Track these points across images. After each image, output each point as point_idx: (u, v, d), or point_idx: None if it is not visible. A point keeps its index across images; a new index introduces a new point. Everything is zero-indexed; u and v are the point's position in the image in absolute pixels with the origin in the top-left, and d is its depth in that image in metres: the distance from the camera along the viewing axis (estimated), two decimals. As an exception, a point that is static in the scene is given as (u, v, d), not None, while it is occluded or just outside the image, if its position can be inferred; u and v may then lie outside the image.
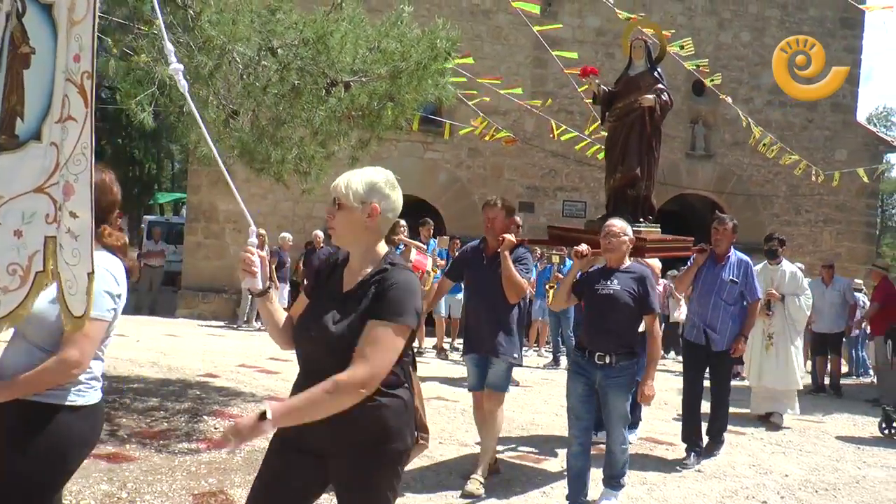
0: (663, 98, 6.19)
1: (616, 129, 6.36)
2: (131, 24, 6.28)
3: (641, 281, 4.86)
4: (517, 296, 5.17)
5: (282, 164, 5.62)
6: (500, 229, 5.28)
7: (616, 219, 5.07)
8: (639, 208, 6.30)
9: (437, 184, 16.65)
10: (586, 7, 16.71)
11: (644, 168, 6.25)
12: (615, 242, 4.89)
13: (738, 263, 6.55)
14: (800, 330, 8.60)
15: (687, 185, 17.67)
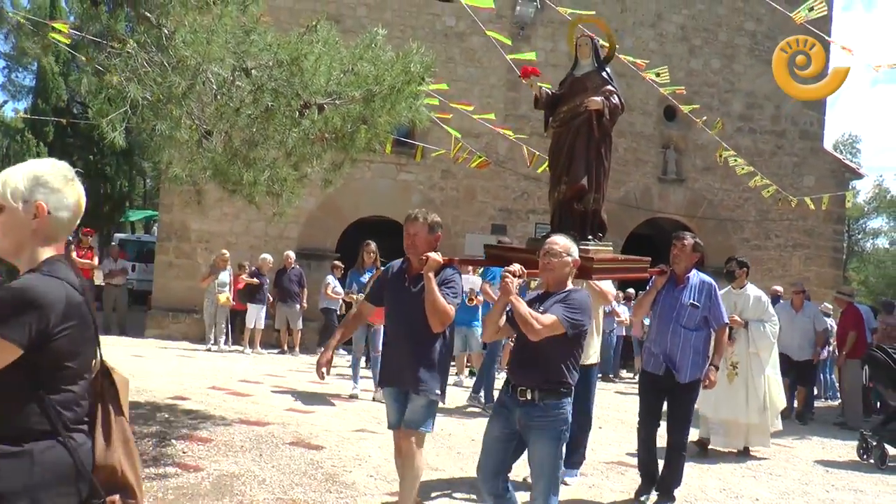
0: (613, 101, 5.57)
1: (560, 135, 5.70)
2: (104, 41, 6.23)
3: (579, 308, 4.13)
4: (441, 324, 4.48)
5: (254, 186, 5.60)
6: (424, 247, 4.62)
7: (559, 235, 4.44)
8: (587, 224, 5.67)
9: (411, 205, 16.61)
10: (558, 31, 16.86)
11: (592, 178, 5.59)
12: (554, 263, 4.26)
13: (700, 286, 5.88)
14: (765, 358, 7.93)
15: (659, 209, 17.83)
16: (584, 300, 4.19)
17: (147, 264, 18.98)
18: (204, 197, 7.28)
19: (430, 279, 4.46)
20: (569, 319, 4.05)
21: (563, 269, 4.29)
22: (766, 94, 18.33)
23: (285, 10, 14.48)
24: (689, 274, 5.94)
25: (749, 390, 7.78)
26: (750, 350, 7.85)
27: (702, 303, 5.84)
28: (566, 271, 4.30)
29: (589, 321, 4.21)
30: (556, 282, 4.31)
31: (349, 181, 7.61)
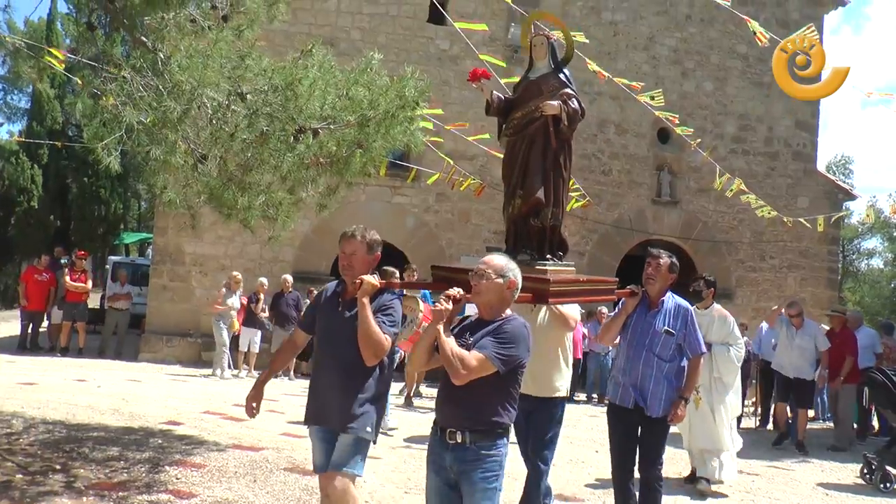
0: (571, 105, 5.04)
1: (514, 144, 5.18)
2: (100, 65, 6.25)
3: (512, 341, 3.58)
4: (374, 356, 3.96)
5: (249, 210, 5.59)
6: (361, 268, 4.15)
7: (495, 254, 3.84)
8: (545, 242, 5.12)
9: (405, 228, 16.66)
10: (554, 55, 16.96)
11: (550, 191, 5.03)
12: (482, 286, 3.68)
13: (676, 310, 5.33)
14: (728, 383, 7.48)
15: (653, 232, 17.86)
16: (518, 331, 3.63)
17: (141, 287, 18.93)
18: (198, 220, 7.26)
19: (364, 305, 3.94)
20: (499, 356, 3.52)
21: (495, 292, 3.68)
22: (759, 116, 18.47)
23: (280, 33, 14.55)
24: (664, 297, 5.37)
25: (715, 416, 7.35)
26: (713, 375, 7.38)
27: (677, 329, 5.28)
28: (500, 295, 3.69)
29: (527, 354, 3.66)
30: (488, 308, 3.73)
31: (344, 204, 7.59)
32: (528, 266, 4.63)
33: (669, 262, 5.35)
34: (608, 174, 17.68)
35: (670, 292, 5.43)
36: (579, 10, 17.54)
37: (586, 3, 17.60)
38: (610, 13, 17.78)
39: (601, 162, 17.65)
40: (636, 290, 5.37)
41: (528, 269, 4.47)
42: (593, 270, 16.59)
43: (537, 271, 4.65)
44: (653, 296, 5.35)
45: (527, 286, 4.17)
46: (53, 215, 27.64)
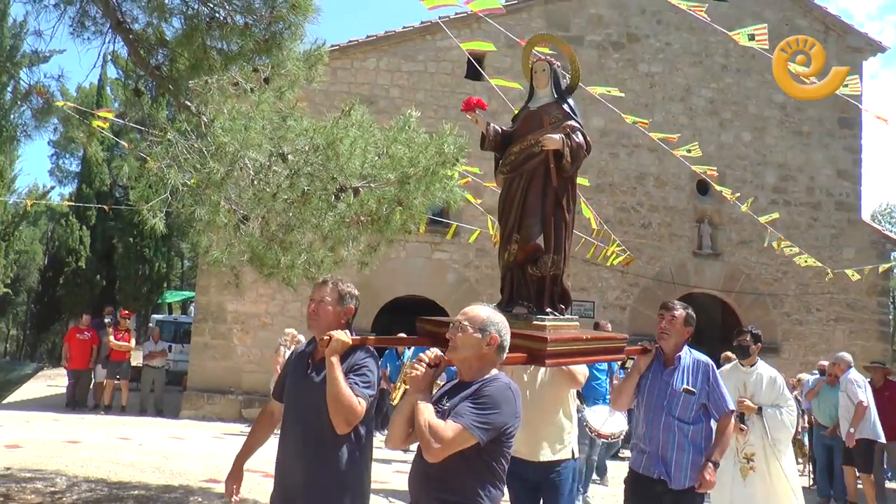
0: (575, 139, 4.43)
1: (511, 182, 4.58)
2: (146, 129, 6.41)
3: (494, 405, 3.03)
4: (346, 423, 3.39)
5: (291, 269, 5.63)
6: (330, 321, 3.65)
7: (480, 305, 3.30)
8: (544, 293, 4.51)
9: (446, 284, 16.65)
10: (590, 107, 17.02)
11: (550, 236, 4.42)
12: (458, 339, 3.16)
13: (695, 365, 4.75)
14: (783, 449, 6.51)
15: (695, 284, 17.62)
16: (501, 393, 3.07)
17: (183, 345, 19.11)
18: (241, 279, 7.34)
19: (333, 364, 3.41)
20: (479, 425, 2.97)
21: (472, 348, 3.14)
22: (799, 166, 18.27)
23: (321, 92, 14.82)
24: (681, 353, 4.79)
25: (768, 487, 6.38)
26: (766, 441, 6.43)
27: (698, 387, 4.70)
28: (477, 352, 3.15)
29: (514, 419, 3.09)
30: (466, 366, 3.19)
31: (384, 261, 7.62)
32: (525, 321, 4.22)
33: (685, 315, 4.79)
34: (648, 227, 17.56)
35: (688, 347, 4.87)
36: (615, 62, 17.65)
37: (622, 56, 17.71)
38: (646, 65, 17.86)
39: (640, 215, 17.56)
40: (648, 347, 4.82)
41: (524, 324, 4.15)
42: (635, 325, 16.39)
43: (534, 327, 4.12)
44: (668, 352, 4.80)
45: (521, 345, 3.80)
46: (100, 275, 28.20)
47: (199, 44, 4.74)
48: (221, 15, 4.80)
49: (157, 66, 5.81)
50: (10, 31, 12.46)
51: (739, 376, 6.65)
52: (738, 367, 6.76)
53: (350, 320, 3.79)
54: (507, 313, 3.92)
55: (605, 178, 17.21)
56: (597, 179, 16.67)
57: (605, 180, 17.17)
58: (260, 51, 4.74)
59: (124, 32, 5.58)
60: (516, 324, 3.91)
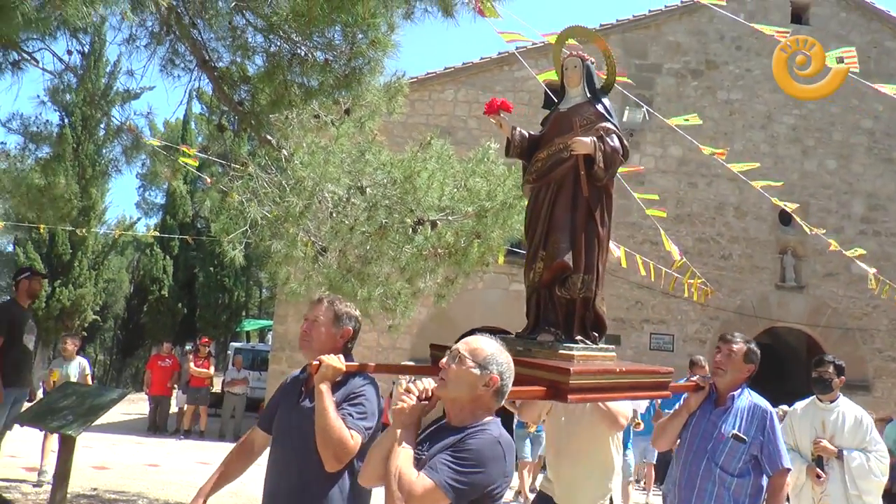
0: (610, 143, 3.84)
1: (538, 192, 4.01)
2: (228, 164, 6.56)
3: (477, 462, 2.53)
4: (336, 459, 3.01)
5: (368, 301, 5.65)
6: (324, 343, 3.28)
7: (486, 337, 2.76)
8: (573, 319, 3.90)
9: (523, 316, 16.49)
10: (667, 136, 16.81)
11: (581, 253, 3.85)
12: (452, 373, 2.63)
13: (751, 410, 4.11)
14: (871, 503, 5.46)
15: (778, 318, 17.06)
16: (488, 448, 2.56)
17: (260, 372, 19.42)
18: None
19: (322, 393, 3.01)
20: (455, 484, 2.49)
21: (467, 386, 2.61)
22: (889, 195, 17.57)
23: (399, 124, 14.99)
24: (736, 392, 4.19)
25: None
26: (850, 492, 5.41)
27: (751, 435, 4.05)
28: (472, 392, 2.62)
29: (503, 478, 2.61)
30: (456, 407, 2.66)
31: (461, 292, 7.57)
32: (549, 350, 3.70)
33: (746, 350, 4.19)
34: (728, 258, 17.12)
35: (746, 388, 4.26)
36: (694, 90, 17.38)
37: (701, 83, 17.43)
38: (725, 92, 17.53)
39: (720, 246, 17.14)
40: (702, 383, 4.26)
41: (548, 353, 3.65)
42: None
43: (559, 357, 3.57)
44: (722, 390, 4.19)
45: (541, 377, 3.34)
46: (181, 303, 28.98)
47: (280, 80, 4.83)
48: (302, 52, 4.88)
49: (239, 101, 5.95)
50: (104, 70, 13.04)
51: (817, 414, 5.66)
52: (816, 402, 5.74)
53: (349, 344, 3.39)
54: (531, 341, 3.76)
55: (684, 209, 16.89)
56: (675, 210, 16.39)
57: (683, 211, 16.86)
58: (340, 86, 4.79)
59: (209, 70, 5.73)
60: (540, 352, 3.63)
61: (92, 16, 3.98)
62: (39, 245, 26.27)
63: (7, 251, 33.69)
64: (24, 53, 5.79)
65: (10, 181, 7.79)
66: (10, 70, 5.69)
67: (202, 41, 5.75)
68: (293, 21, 4.45)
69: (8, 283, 31.22)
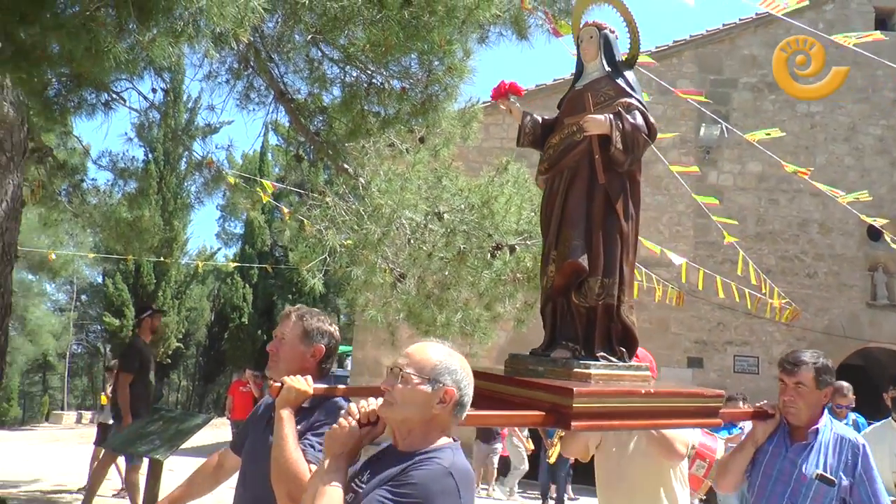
0: (631, 120, 3.21)
1: (552, 183, 3.39)
2: (306, 193, 6.67)
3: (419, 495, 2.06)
4: (289, 497, 2.55)
5: (447, 327, 5.64)
6: (292, 363, 2.90)
7: (431, 343, 2.29)
8: (593, 331, 3.20)
9: (600, 338, 16.28)
10: (746, 153, 16.43)
11: (599, 251, 3.19)
12: (398, 393, 2.16)
13: (839, 444, 3.34)
14: None
15: (871, 338, 16.38)
16: (435, 481, 2.09)
17: (340, 399, 19.58)
18: (396, 335, 7.45)
19: (282, 420, 2.61)
20: None
21: (417, 407, 2.16)
22: None
23: (474, 149, 15.03)
24: (818, 424, 3.39)
25: None
26: None
27: (844, 474, 3.32)
28: (424, 412, 2.17)
29: None
30: (403, 431, 2.21)
31: (539, 315, 7.49)
32: (563, 368, 3.08)
33: (815, 373, 3.36)
34: (814, 277, 16.55)
35: (829, 415, 3.51)
36: (771, 103, 16.95)
37: (779, 97, 16.97)
38: (806, 105, 17.02)
39: (805, 264, 16.59)
40: (770, 411, 3.44)
41: (561, 372, 3.06)
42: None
43: (573, 377, 2.99)
44: (797, 423, 3.41)
45: (544, 399, 2.80)
46: (261, 330, 29.55)
47: (357, 109, 4.88)
48: (379, 81, 4.93)
49: (316, 131, 6.05)
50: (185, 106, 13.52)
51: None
52: (893, 424, 5.21)
53: (324, 364, 2.98)
54: (545, 358, 3.17)
55: (765, 226, 16.44)
56: (756, 228, 15.98)
57: (764, 228, 16.40)
58: (416, 113, 4.82)
59: (286, 102, 5.85)
60: (552, 372, 3.07)
61: (176, 55, 4.09)
62: (126, 276, 27.23)
63: (97, 282, 34.99)
64: (114, 94, 6.01)
65: (100, 216, 8.09)
66: (102, 110, 5.92)
67: (279, 74, 5.88)
68: (369, 51, 4.50)
69: (98, 312, 32.47)
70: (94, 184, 8.50)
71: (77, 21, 3.16)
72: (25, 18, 3.10)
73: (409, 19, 4.32)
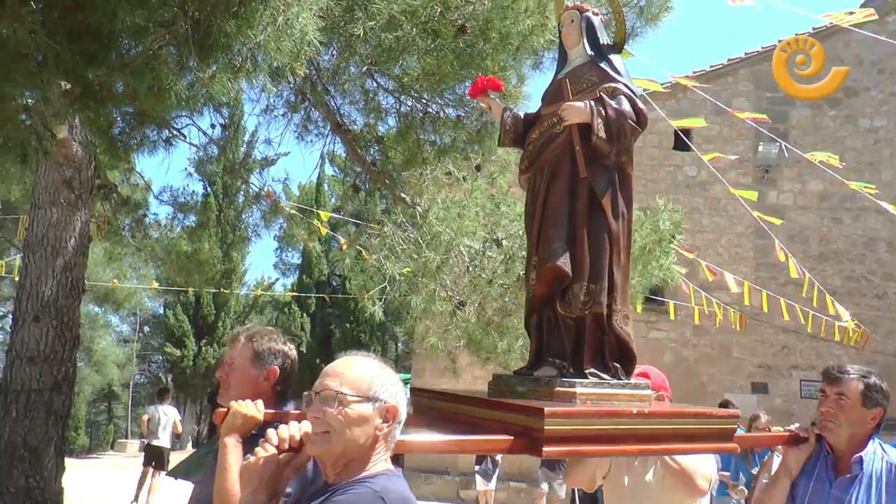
0: (614, 105, 2.89)
1: (534, 182, 3.05)
2: (364, 223, 6.71)
3: None
4: None
5: (508, 353, 5.59)
6: (243, 387, 2.62)
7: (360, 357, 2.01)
8: (581, 343, 2.83)
9: (663, 364, 15.88)
10: (807, 171, 16.07)
11: (583, 254, 2.82)
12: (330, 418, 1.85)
13: (891, 475, 2.80)
14: None
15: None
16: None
17: (398, 427, 19.61)
18: (456, 362, 7.41)
19: (227, 448, 2.36)
20: None
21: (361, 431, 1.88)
22: None
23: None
24: (864, 450, 2.85)
25: None
26: None
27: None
28: (367, 437, 1.89)
29: None
30: (333, 460, 1.89)
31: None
32: (546, 388, 2.74)
33: (863, 388, 2.87)
34: (883, 297, 16.04)
35: (877, 442, 2.93)
36: (832, 119, 16.58)
37: (840, 112, 16.61)
38: (868, 120, 16.62)
39: (873, 284, 16.10)
40: (803, 434, 2.93)
41: (544, 392, 2.73)
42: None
43: (555, 396, 2.67)
44: (839, 448, 2.87)
45: (514, 422, 2.47)
46: (319, 359, 29.79)
47: (413, 139, 4.91)
48: (434, 110, 4.95)
49: (372, 161, 6.10)
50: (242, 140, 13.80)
51: None
52: None
53: (279, 387, 2.70)
54: (529, 377, 2.83)
55: (829, 246, 16.02)
56: (819, 247, 15.60)
57: (828, 248, 15.99)
58: (472, 141, 4.83)
59: (343, 133, 5.91)
60: (535, 392, 2.74)
61: (234, 90, 4.17)
62: (187, 307, 27.76)
63: (158, 314, 35.75)
64: (174, 130, 6.15)
65: (162, 249, 8.27)
66: (163, 146, 6.06)
67: (335, 106, 5.95)
68: (424, 80, 4.52)
69: (160, 343, 33.15)
70: (156, 218, 8.70)
71: (141, 60, 3.24)
72: (94, 60, 3.19)
73: (464, 47, 4.34)
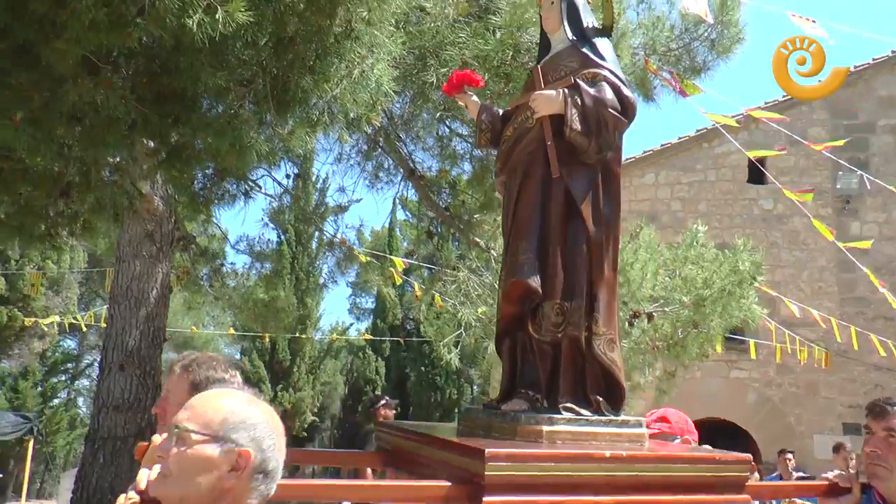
0: (592, 92, 2.48)
1: (509, 185, 2.70)
2: (437, 268, 6.74)
3: None
4: None
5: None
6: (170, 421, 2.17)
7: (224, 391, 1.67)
8: (556, 372, 2.44)
9: (746, 405, 15.46)
10: (891, 200, 15.52)
11: (556, 268, 2.45)
12: (175, 461, 1.53)
13: None
14: None
15: None
16: None
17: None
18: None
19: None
20: None
21: (201, 476, 1.51)
22: None
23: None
24: None
25: None
26: None
27: None
28: (213, 483, 1.52)
29: None
30: (169, 503, 1.57)
31: (680, 383, 7.24)
32: (511, 424, 2.36)
33: None
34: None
35: None
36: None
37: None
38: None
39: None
40: (843, 483, 2.48)
41: (507, 429, 2.35)
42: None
43: (519, 434, 2.28)
44: (886, 492, 2.35)
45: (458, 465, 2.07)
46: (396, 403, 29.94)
47: (489, 183, 4.92)
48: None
49: (445, 207, 6.13)
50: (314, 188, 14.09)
51: None
52: None
53: None
54: (496, 412, 2.47)
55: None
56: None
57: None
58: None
59: (416, 179, 5.97)
60: (500, 429, 2.37)
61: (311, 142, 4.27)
62: (262, 353, 28.19)
63: (235, 360, 36.42)
64: (252, 182, 6.32)
65: (239, 297, 8.45)
66: (242, 198, 6.23)
67: (407, 153, 6.02)
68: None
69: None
70: (233, 267, 8.93)
71: (222, 120, 3.34)
72: (178, 121, 3.31)
73: (535, 90, 4.35)
